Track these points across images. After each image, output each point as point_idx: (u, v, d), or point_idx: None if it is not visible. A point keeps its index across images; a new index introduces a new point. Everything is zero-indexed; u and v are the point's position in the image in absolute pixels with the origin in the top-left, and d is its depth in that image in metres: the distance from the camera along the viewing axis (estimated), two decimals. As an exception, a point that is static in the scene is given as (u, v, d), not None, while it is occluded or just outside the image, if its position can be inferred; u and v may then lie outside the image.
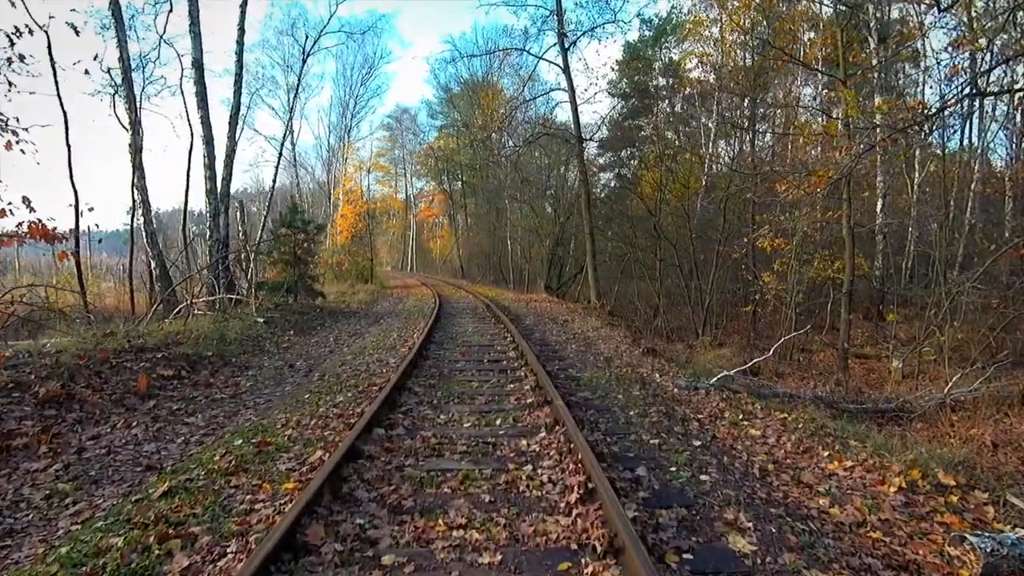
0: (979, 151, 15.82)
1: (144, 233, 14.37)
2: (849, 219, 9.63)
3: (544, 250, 24.45)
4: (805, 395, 7.01)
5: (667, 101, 25.39)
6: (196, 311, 11.38)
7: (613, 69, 25.27)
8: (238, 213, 20.80)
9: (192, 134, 15.41)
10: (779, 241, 11.31)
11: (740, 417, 5.28)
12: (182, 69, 16.57)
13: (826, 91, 17.61)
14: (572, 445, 3.76)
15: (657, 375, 7.15)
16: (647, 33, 25.89)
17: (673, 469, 3.62)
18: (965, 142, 17.81)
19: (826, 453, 4.38)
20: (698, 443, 4.28)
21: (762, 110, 17.87)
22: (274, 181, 19.39)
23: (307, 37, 19.87)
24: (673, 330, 13.64)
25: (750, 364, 6.90)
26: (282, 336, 9.47)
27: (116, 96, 15.23)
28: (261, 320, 9.94)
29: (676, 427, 4.65)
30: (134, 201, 14.22)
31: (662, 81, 25.15)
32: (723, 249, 12.53)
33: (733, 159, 13.32)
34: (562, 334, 10.29)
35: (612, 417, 4.79)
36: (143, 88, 16.72)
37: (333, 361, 7.53)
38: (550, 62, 19.40)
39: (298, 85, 20.22)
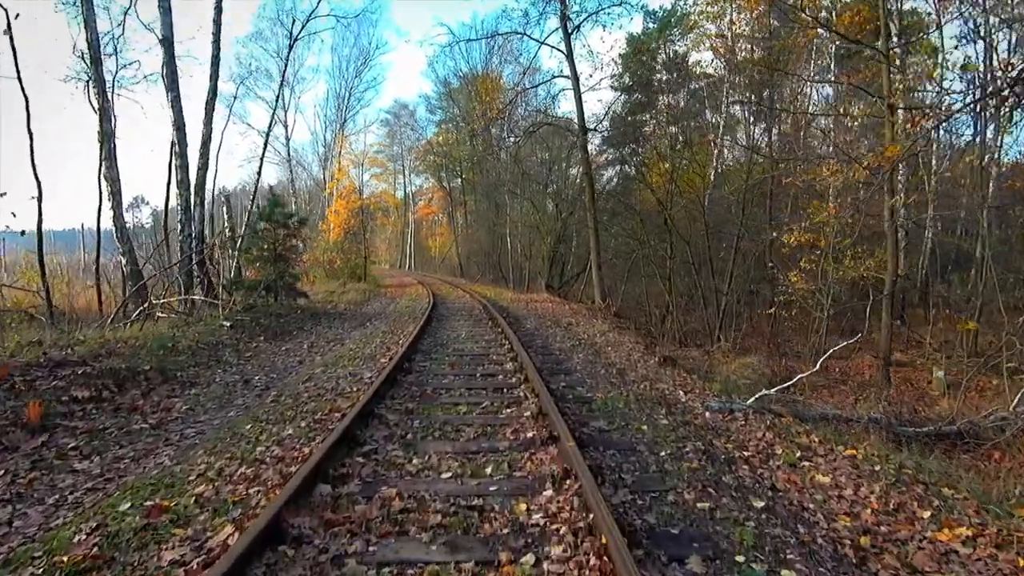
0: (998, 144, 14.82)
1: (115, 228, 13.24)
2: (894, 211, 8.49)
3: (545, 247, 23.32)
4: (858, 417, 5.88)
5: (671, 95, 24.24)
6: (160, 313, 10.27)
7: (616, 62, 24.13)
8: (224, 209, 19.70)
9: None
10: (808, 236, 10.16)
11: (797, 454, 4.15)
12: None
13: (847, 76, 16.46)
14: (591, 517, 2.63)
15: (681, 393, 6.02)
16: (651, 25, 24.79)
17: (740, 559, 2.49)
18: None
19: (926, 513, 3.27)
20: (760, 503, 3.14)
21: (766, 105, 16.71)
22: (259, 173, 18.24)
23: (294, 21, 18.76)
24: (686, 334, 12.50)
25: (793, 381, 5.78)
26: (249, 343, 8.34)
27: (90, 83, 14.12)
28: (227, 324, 8.81)
29: (724, 476, 3.52)
30: (101, 193, 13.09)
31: (666, 76, 24.02)
32: (744, 245, 11.38)
33: (751, 146, 12.13)
34: (567, 340, 9.16)
35: (639, 461, 3.65)
36: (116, 73, 15.57)
37: (299, 375, 6.40)
38: (552, 47, 18.24)
39: (284, 70, 19.06)
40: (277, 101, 20.27)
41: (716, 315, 12.48)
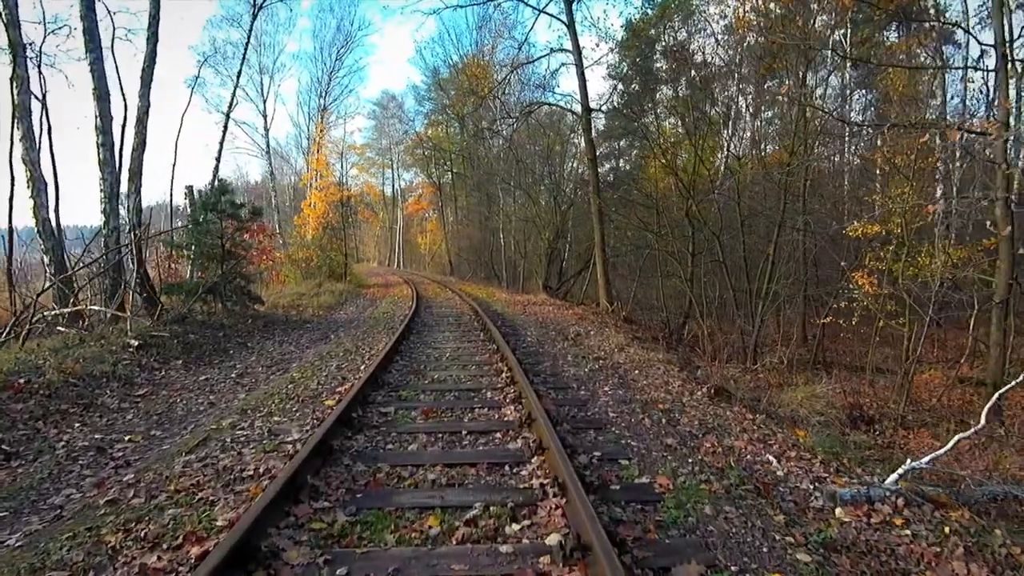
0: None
1: (35, 221, 11.00)
2: (1009, 194, 6.50)
3: (543, 243, 21.24)
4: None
5: (673, 83, 22.19)
6: (61, 328, 8.07)
7: (612, 51, 22.01)
8: (187, 201, 17.55)
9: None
10: (877, 227, 8.21)
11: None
12: (113, 28, 13.09)
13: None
14: None
15: (771, 459, 3.96)
16: (649, 12, 22.77)
17: None
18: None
19: None
20: None
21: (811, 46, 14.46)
22: (217, 159, 16.01)
23: (257, -15, 16.51)
24: (717, 346, 10.46)
25: (951, 445, 3.73)
26: (156, 371, 6.17)
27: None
28: (134, 343, 6.64)
29: None
30: (12, 179, 10.84)
31: (665, 64, 21.95)
32: (794, 237, 9.36)
33: (806, 101, 10.07)
34: (581, 361, 7.07)
35: None
36: (43, 39, 13.26)
37: (194, 432, 4.25)
38: (552, 16, 16.13)
39: (248, 39, 16.81)
40: (239, 76, 17.93)
41: (751, 323, 10.46)
